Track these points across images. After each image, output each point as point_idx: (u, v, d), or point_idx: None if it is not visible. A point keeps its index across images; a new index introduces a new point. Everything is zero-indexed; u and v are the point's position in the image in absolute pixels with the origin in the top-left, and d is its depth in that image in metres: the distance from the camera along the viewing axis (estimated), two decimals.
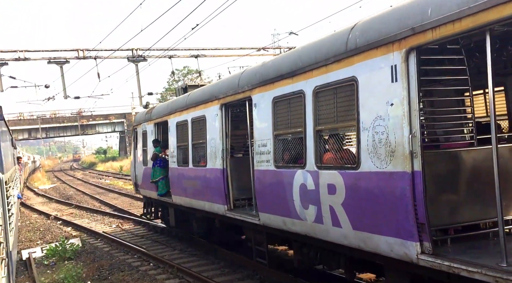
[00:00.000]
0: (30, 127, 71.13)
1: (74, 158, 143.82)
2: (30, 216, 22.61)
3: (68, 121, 72.38)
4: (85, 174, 60.24)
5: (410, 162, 5.01)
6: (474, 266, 4.44)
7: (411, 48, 4.98)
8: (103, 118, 73.17)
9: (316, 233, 6.65)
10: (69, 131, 73.47)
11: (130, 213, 19.88)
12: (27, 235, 17.04)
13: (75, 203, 25.69)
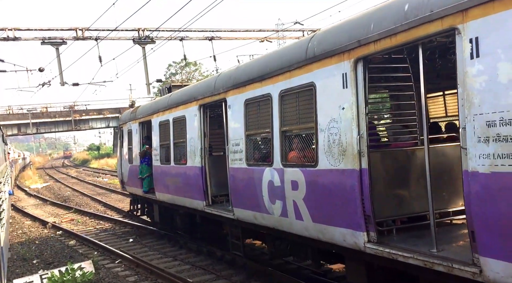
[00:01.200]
0: (20, 122, 67.54)
1: (65, 154, 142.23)
2: (22, 222, 19.43)
3: (60, 116, 69.48)
4: (79, 171, 57.92)
5: (358, 160, 5.66)
6: (409, 252, 5.11)
7: (358, 58, 5.62)
8: (97, 113, 69.68)
9: (283, 226, 7.30)
10: (61, 126, 70.68)
11: (146, 221, 15.85)
12: (20, 251, 13.53)
13: (74, 206, 22.67)
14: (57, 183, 40.46)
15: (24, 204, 25.75)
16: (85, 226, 17.54)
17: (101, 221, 18.31)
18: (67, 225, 17.75)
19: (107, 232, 15.79)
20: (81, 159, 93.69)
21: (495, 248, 4.13)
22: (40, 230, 17.26)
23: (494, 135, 4.06)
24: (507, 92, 3.94)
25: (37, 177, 49.73)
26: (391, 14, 5.16)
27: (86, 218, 19.41)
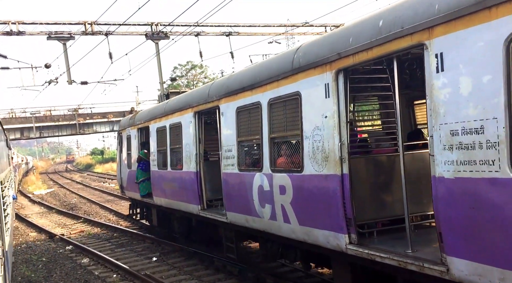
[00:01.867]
0: (23, 126, 65.38)
1: (67, 159, 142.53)
2: (27, 234, 17.83)
3: (63, 119, 67.66)
4: (83, 176, 56.87)
5: (340, 166, 6.01)
6: (386, 253, 5.46)
7: (339, 70, 5.99)
8: (101, 116, 67.70)
9: (272, 229, 7.65)
10: (65, 130, 68.67)
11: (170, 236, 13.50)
12: (25, 271, 12.02)
13: (83, 215, 21.16)
14: (61, 188, 38.96)
15: (28, 212, 24.31)
16: (97, 239, 15.53)
17: (115, 233, 16.32)
18: (77, 238, 16.03)
19: (124, 248, 13.69)
20: (85, 164, 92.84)
21: (460, 248, 4.48)
22: (46, 244, 15.42)
23: (457, 144, 4.41)
24: (467, 104, 4.29)
25: (40, 182, 48.25)
26: (367, 29, 5.52)
27: (98, 229, 17.50)
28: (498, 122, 4.02)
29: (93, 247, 14.08)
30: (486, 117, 4.12)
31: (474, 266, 4.33)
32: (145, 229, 16.12)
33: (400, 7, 5.21)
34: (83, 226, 18.77)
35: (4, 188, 9.45)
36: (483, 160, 4.16)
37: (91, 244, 14.76)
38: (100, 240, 15.43)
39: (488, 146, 4.11)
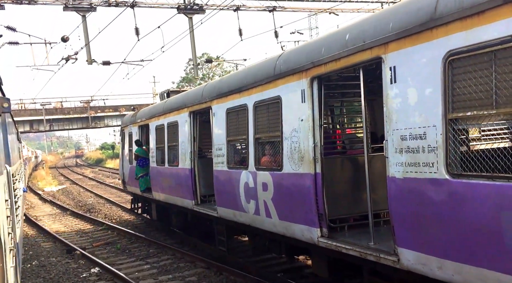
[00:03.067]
0: (33, 119, 61.92)
1: (76, 153, 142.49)
2: (38, 245, 14.56)
3: (74, 112, 63.86)
4: (95, 171, 54.17)
5: (314, 166, 6.64)
6: (350, 245, 6.09)
7: (313, 77, 6.60)
8: (113, 110, 63.64)
9: (256, 223, 8.30)
10: (76, 123, 64.93)
11: (233, 262, 10.16)
12: None
13: (104, 219, 18.16)
14: (74, 185, 36.19)
15: (39, 213, 21.72)
16: (130, 257, 12.01)
17: (150, 248, 12.78)
18: (103, 254, 12.67)
19: (171, 274, 10.11)
20: (95, 158, 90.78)
21: (408, 240, 5.09)
22: (64, 263, 11.96)
23: (405, 148, 5.02)
24: (414, 112, 4.89)
25: (50, 177, 45.65)
26: (337, 41, 6.13)
27: (126, 241, 13.89)
28: (437, 130, 4.62)
29: (127, 271, 10.61)
30: (428, 125, 4.72)
31: (419, 256, 4.95)
32: (186, 243, 13.11)
33: (363, 23, 5.82)
34: (107, 234, 15.46)
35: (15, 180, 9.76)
36: (425, 162, 4.76)
37: (124, 265, 11.29)
38: (134, 259, 11.85)
39: (429, 150, 4.72)
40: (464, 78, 4.37)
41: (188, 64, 69.45)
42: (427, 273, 4.88)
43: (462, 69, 4.39)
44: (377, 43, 5.35)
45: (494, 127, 4.36)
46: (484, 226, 4.17)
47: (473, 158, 4.34)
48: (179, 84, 68.50)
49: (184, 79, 68.94)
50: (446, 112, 4.54)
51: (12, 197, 7.80)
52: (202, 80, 66.13)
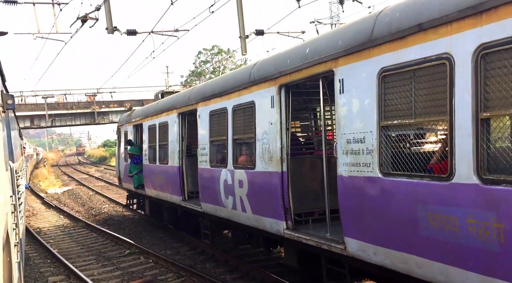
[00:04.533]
0: (33, 114, 57.70)
1: (78, 151, 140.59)
2: (44, 279, 10.62)
3: (77, 107, 60.09)
4: (100, 170, 50.24)
5: (281, 165, 7.49)
6: (309, 236, 6.94)
7: (281, 85, 7.45)
8: (118, 105, 59.43)
9: (233, 217, 9.17)
10: (79, 119, 61.09)
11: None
12: None
13: (129, 237, 14.03)
14: (80, 186, 32.17)
15: (42, 224, 17.93)
16: None
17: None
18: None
19: None
20: (98, 156, 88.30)
21: (351, 230, 5.94)
22: None
23: (350, 150, 5.86)
24: (356, 119, 5.74)
25: (53, 176, 41.96)
26: (299, 54, 6.97)
27: (172, 276, 9.99)
28: (373, 135, 5.47)
29: None
30: (366, 131, 5.56)
31: (359, 243, 5.80)
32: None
33: (320, 38, 6.67)
34: (139, 263, 11.25)
35: (18, 177, 9.56)
36: (364, 162, 5.61)
37: None
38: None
39: (367, 152, 5.56)
40: (392, 92, 5.21)
41: (198, 57, 66.93)
42: (366, 258, 5.73)
43: (391, 84, 5.23)
44: (329, 58, 6.19)
45: (413, 134, 5.16)
46: (405, 217, 5.01)
47: (398, 159, 5.18)
48: (187, 78, 66.36)
49: (193, 73, 66.50)
50: (379, 120, 5.38)
51: (16, 193, 7.68)
52: (213, 74, 63.80)
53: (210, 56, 66.21)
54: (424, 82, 4.80)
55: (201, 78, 64.25)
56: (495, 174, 4.08)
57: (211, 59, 66.33)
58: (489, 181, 4.10)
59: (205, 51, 66.03)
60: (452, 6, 4.42)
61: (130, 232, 15.43)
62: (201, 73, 65.85)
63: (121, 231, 15.57)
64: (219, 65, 65.28)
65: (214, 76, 59.31)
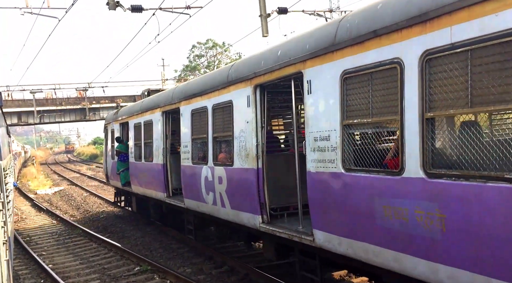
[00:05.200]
0: (21, 110, 55.80)
1: (67, 149, 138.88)
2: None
3: (67, 103, 58.07)
4: (92, 169, 47.99)
5: (256, 162, 7.90)
6: (282, 229, 7.36)
7: (256, 85, 7.85)
8: (109, 101, 57.91)
9: (214, 212, 9.57)
10: (69, 116, 59.21)
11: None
12: None
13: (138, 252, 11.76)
14: (73, 186, 30.20)
15: (33, 231, 15.95)
16: None
17: None
18: None
19: None
20: (88, 154, 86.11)
21: (319, 223, 6.37)
22: None
23: (316, 147, 6.28)
24: (322, 118, 6.15)
25: (42, 175, 40.15)
26: (272, 56, 7.38)
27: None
28: (336, 133, 5.89)
29: None
30: (331, 129, 5.98)
31: (325, 235, 6.23)
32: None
33: (291, 42, 7.08)
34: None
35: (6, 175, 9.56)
36: (329, 159, 6.03)
37: None
38: None
39: (331, 149, 5.98)
40: (353, 93, 5.63)
41: (192, 51, 65.26)
42: (331, 249, 6.16)
43: (352, 85, 5.65)
44: (298, 60, 6.60)
45: (371, 132, 5.58)
46: (363, 209, 5.44)
47: (359, 155, 5.61)
48: (182, 72, 65.00)
49: (188, 67, 65.09)
50: (342, 119, 5.80)
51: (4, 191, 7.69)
52: (208, 68, 62.25)
53: (205, 50, 65.05)
54: (380, 84, 5.23)
55: (195, 73, 63.20)
56: (438, 168, 4.52)
57: (206, 54, 65.19)
58: (433, 175, 4.54)
59: (199, 45, 64.80)
60: (401, 14, 4.84)
61: (137, 243, 13.07)
62: (195, 67, 64.64)
63: (126, 240, 13.41)
64: (214, 60, 64.09)
65: (208, 70, 58.00)
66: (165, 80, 55.25)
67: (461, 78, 4.24)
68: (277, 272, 8.95)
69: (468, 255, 4.22)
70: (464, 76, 4.21)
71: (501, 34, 3.84)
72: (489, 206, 3.99)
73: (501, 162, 3.93)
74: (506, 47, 3.82)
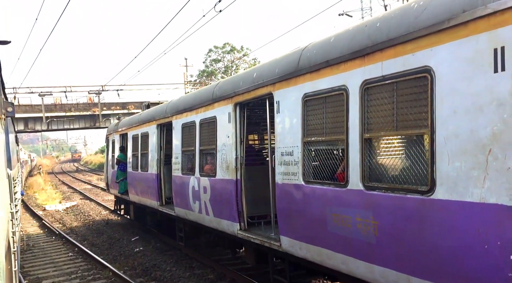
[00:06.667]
0: (28, 116, 53.30)
1: (73, 157, 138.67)
2: None
3: (76, 109, 55.71)
4: (103, 179, 37.10)
5: (235, 173, 8.69)
6: (256, 235, 8.13)
7: (236, 103, 8.67)
8: (121, 107, 55.93)
9: (200, 220, 10.36)
10: (78, 122, 56.83)
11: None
12: None
13: None
14: (86, 200, 26.94)
15: (43, 270, 11.89)
16: None
17: None
18: None
19: None
20: (97, 163, 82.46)
21: (285, 229, 7.13)
22: None
23: (283, 161, 7.07)
24: (287, 136, 6.95)
25: (50, 186, 37.12)
26: (249, 78, 8.21)
27: None
28: (298, 149, 6.68)
29: None
30: (294, 145, 6.78)
31: (290, 240, 6.99)
32: None
33: (264, 65, 7.91)
34: None
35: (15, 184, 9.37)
36: (292, 172, 6.81)
37: None
38: None
39: (294, 163, 6.77)
40: (311, 114, 6.43)
41: (208, 56, 61.99)
42: (294, 253, 6.92)
43: (310, 107, 6.45)
44: (269, 83, 7.42)
45: (325, 149, 6.35)
46: (318, 217, 6.21)
47: (315, 169, 6.39)
48: (197, 78, 62.09)
49: (204, 72, 61.91)
50: (303, 137, 6.60)
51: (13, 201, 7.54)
52: (225, 73, 59.50)
53: (222, 54, 61.76)
54: (331, 107, 6.02)
55: (212, 78, 60.00)
56: (373, 181, 5.29)
57: (222, 58, 61.95)
58: (369, 187, 5.31)
59: (216, 49, 61.37)
60: (347, 48, 5.65)
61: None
62: (212, 72, 61.26)
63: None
64: (232, 65, 60.80)
65: (226, 76, 54.93)
66: (188, 83, 51.10)
67: (389, 105, 5.03)
68: (259, 276, 9.68)
69: (394, 256, 4.97)
70: (391, 103, 5.00)
71: (416, 70, 4.64)
72: (408, 214, 4.75)
73: (416, 177, 4.71)
74: (419, 81, 4.61)
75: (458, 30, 4.17)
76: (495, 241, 3.86)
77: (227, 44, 60.97)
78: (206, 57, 62.54)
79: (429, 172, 4.49)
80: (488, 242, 3.91)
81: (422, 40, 4.55)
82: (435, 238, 4.46)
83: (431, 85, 4.45)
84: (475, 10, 3.99)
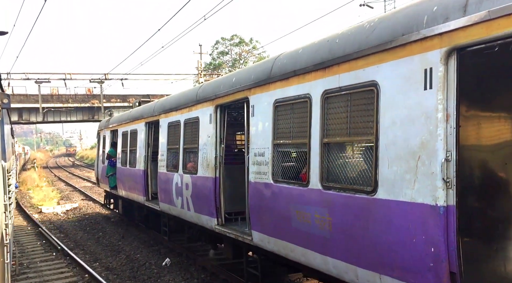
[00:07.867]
0: (22, 107, 50.03)
1: (67, 151, 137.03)
2: None
3: (74, 101, 52.16)
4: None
5: (214, 171, 9.27)
6: (231, 230, 8.72)
7: (217, 105, 9.25)
8: (121, 100, 52.75)
9: (182, 215, 10.94)
10: (75, 115, 53.76)
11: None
12: None
13: None
14: (89, 201, 24.02)
15: None
16: None
17: None
18: None
19: None
20: (93, 157, 73.59)
21: (255, 224, 7.72)
22: None
23: (256, 161, 7.66)
24: (260, 137, 7.54)
25: (45, 182, 34.29)
26: (228, 82, 8.79)
27: None
28: (269, 150, 7.27)
29: None
30: (265, 147, 7.36)
31: (260, 235, 7.58)
32: None
33: (242, 71, 8.49)
34: None
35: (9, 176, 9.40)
36: (263, 172, 7.40)
37: None
38: None
39: (265, 163, 7.36)
40: (280, 118, 7.02)
41: (215, 48, 59.08)
42: (264, 247, 7.51)
43: (280, 112, 7.04)
44: (246, 88, 8.01)
45: (291, 151, 6.94)
46: (284, 214, 6.80)
47: (283, 169, 6.98)
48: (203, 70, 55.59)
49: (211, 65, 58.89)
50: (273, 139, 7.19)
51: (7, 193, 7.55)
52: (233, 67, 56.91)
53: (229, 47, 58.92)
54: (297, 113, 6.61)
55: (218, 71, 56.62)
56: (329, 182, 5.89)
57: (230, 51, 59.22)
58: (326, 187, 5.90)
59: (223, 41, 58.41)
60: (312, 60, 6.24)
61: None
62: (219, 65, 58.21)
63: None
64: (240, 58, 57.85)
65: (234, 69, 51.21)
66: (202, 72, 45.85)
67: (344, 114, 5.62)
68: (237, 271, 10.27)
69: (344, 249, 5.58)
70: (346, 112, 5.59)
71: (365, 84, 5.23)
72: (356, 212, 5.35)
73: (363, 179, 5.31)
74: (368, 94, 5.21)
75: (398, 51, 4.77)
76: (420, 236, 4.46)
77: (235, 36, 57.89)
78: (213, 49, 59.58)
79: (373, 174, 5.09)
80: (416, 236, 4.52)
81: (371, 57, 5.14)
82: (377, 233, 5.06)
83: (377, 98, 5.05)
84: (410, 35, 4.59)
